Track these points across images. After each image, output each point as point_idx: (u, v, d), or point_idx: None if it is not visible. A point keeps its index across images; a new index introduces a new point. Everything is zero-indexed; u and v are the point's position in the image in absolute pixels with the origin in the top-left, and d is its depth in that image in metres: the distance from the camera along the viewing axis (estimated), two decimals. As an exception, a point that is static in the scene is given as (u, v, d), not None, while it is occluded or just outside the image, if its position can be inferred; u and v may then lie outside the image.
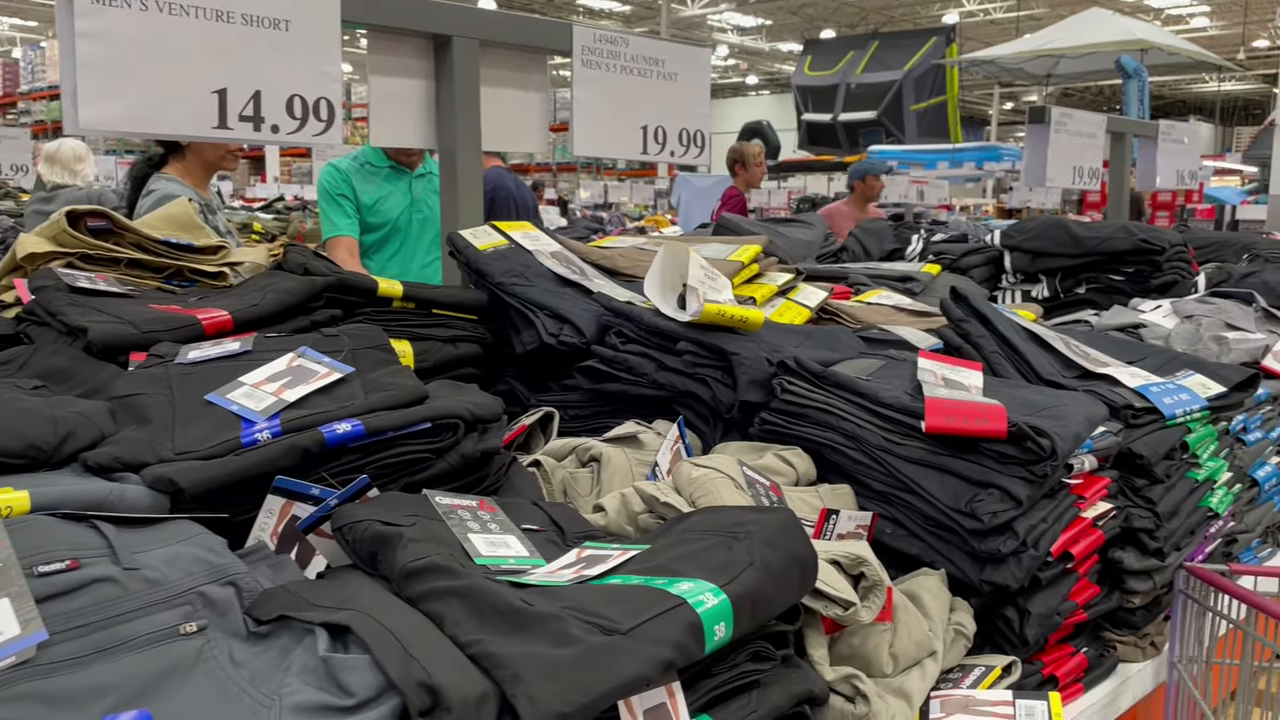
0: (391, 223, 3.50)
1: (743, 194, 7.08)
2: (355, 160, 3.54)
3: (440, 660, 0.80)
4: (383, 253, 3.51)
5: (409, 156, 3.52)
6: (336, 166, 3.53)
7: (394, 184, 3.52)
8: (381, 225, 3.50)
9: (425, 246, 3.54)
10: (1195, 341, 2.08)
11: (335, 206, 3.48)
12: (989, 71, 20.25)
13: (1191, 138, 4.14)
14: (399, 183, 3.53)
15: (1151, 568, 1.44)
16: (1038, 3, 24.04)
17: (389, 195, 3.50)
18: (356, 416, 1.09)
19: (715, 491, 1.23)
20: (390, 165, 3.52)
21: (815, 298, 2.15)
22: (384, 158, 3.52)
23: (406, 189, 3.53)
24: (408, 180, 3.55)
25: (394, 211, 3.50)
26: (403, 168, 3.54)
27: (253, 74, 1.70)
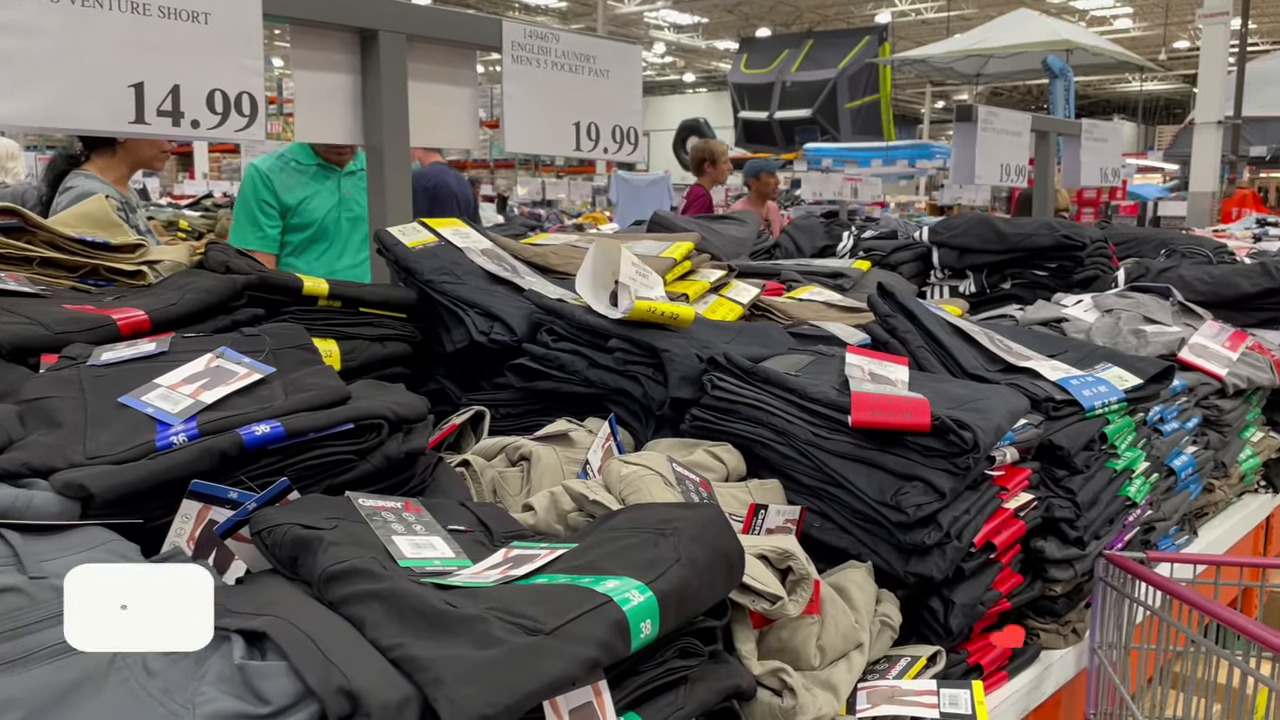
0: (318, 222, 3.39)
1: (709, 192, 6.98)
2: (280, 159, 3.42)
3: (360, 665, 0.79)
4: (310, 253, 3.40)
5: (338, 154, 3.42)
6: (258, 168, 3.40)
7: (321, 182, 3.42)
8: (308, 225, 3.39)
9: (355, 246, 3.44)
10: (1115, 335, 2.14)
11: (250, 216, 3.33)
12: (921, 70, 20.62)
13: (1113, 136, 4.25)
14: (327, 181, 3.43)
15: (1072, 556, 1.47)
16: (967, 3, 24.51)
17: (316, 194, 3.40)
18: (276, 418, 1.07)
19: (644, 489, 1.23)
20: (318, 163, 3.42)
21: (747, 294, 2.16)
22: (312, 155, 3.42)
23: (335, 187, 3.44)
24: (336, 178, 3.45)
25: (321, 211, 3.39)
26: (331, 165, 3.43)
27: (171, 68, 1.66)
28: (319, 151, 3.40)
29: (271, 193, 3.33)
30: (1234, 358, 2.12)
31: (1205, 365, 2.06)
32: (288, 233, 3.38)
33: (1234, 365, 2.11)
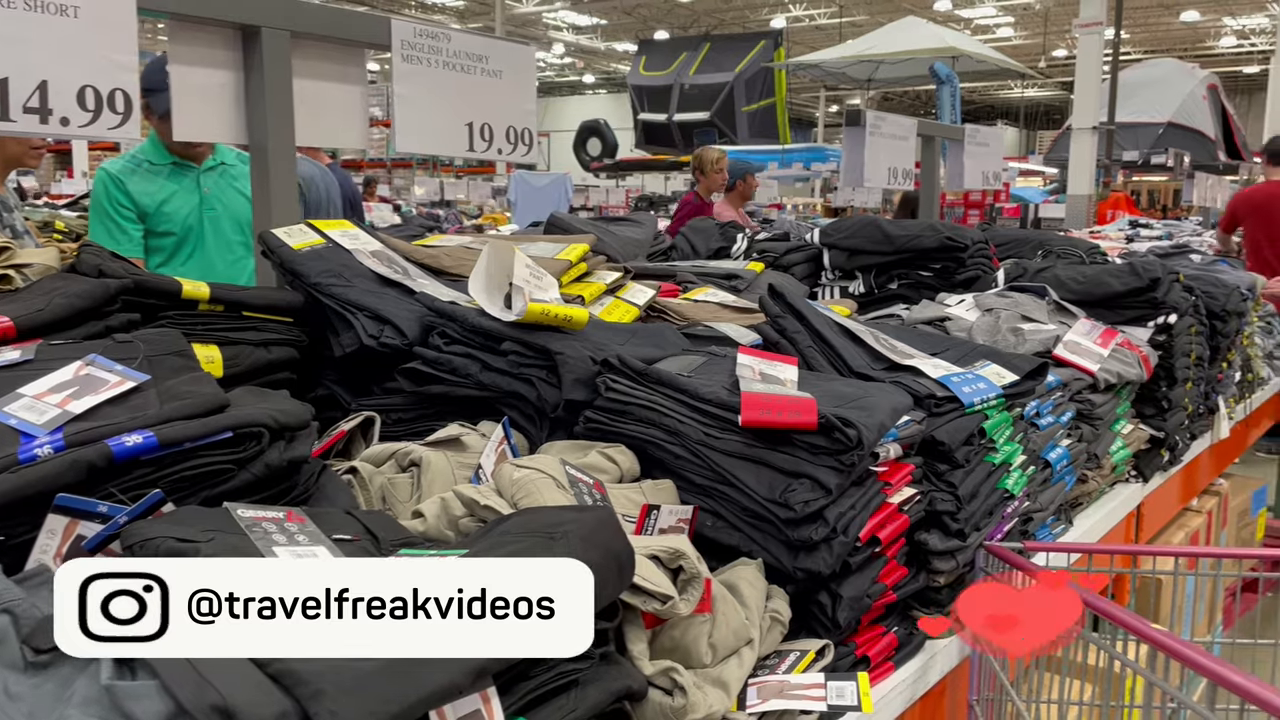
0: (181, 226, 3.14)
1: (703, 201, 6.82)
2: (132, 160, 3.15)
3: (236, 680, 0.77)
4: (177, 259, 3.14)
5: (195, 151, 3.17)
6: (109, 171, 3.11)
7: (179, 182, 3.16)
8: (171, 230, 3.13)
9: (226, 246, 3.20)
10: (994, 333, 2.22)
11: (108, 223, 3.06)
12: (815, 75, 21.05)
13: (995, 141, 4.40)
14: (184, 180, 3.18)
15: (954, 548, 1.52)
16: (859, 10, 25.12)
17: (174, 195, 3.14)
18: (149, 427, 1.03)
19: (536, 492, 1.22)
20: (173, 162, 3.16)
21: (643, 296, 2.18)
22: (165, 153, 3.15)
23: (194, 186, 3.19)
24: (195, 176, 3.19)
25: (183, 212, 3.14)
26: (188, 162, 3.18)
27: (38, 63, 1.59)
28: (173, 149, 3.16)
29: (127, 196, 3.08)
30: (1105, 354, 2.22)
31: (1078, 361, 2.16)
32: (151, 238, 3.13)
33: (1105, 361, 2.21)
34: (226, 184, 3.24)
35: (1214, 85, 17.87)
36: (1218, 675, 0.94)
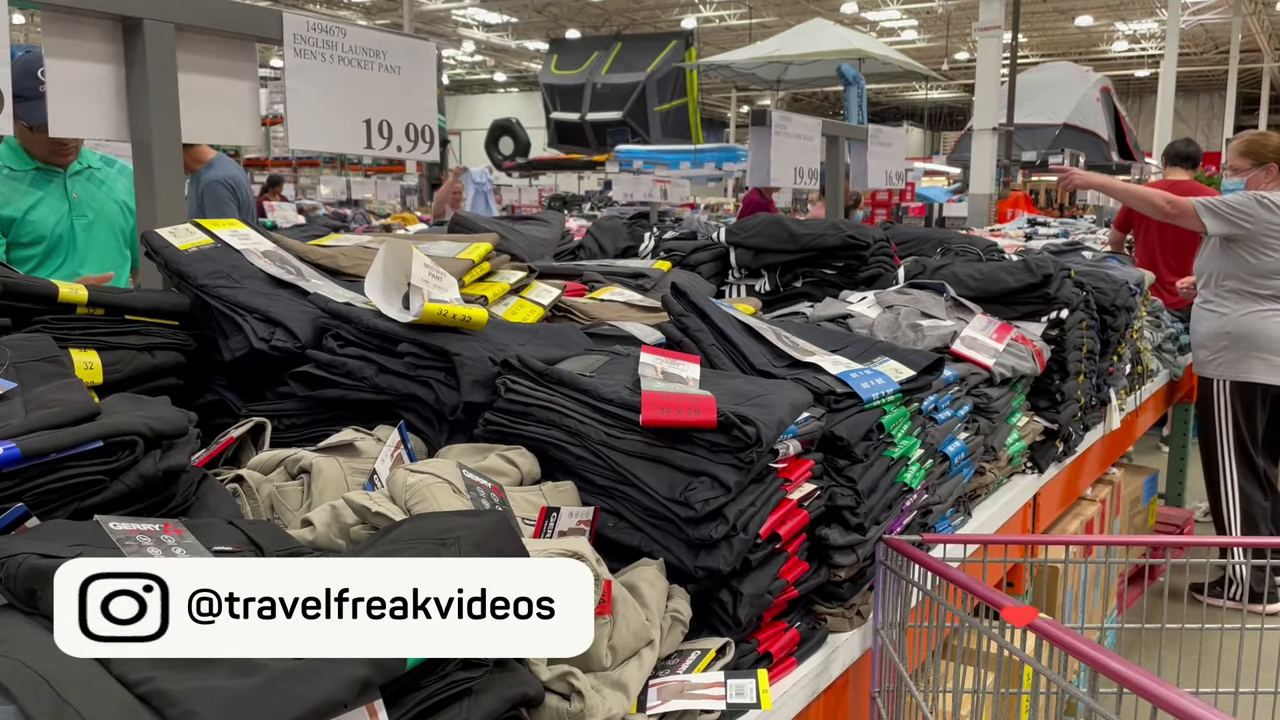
0: (49, 234, 2.96)
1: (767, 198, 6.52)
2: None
3: (101, 705, 0.73)
4: (45, 268, 2.96)
5: (62, 155, 2.99)
6: None
7: (44, 188, 2.98)
8: (39, 239, 2.94)
9: (98, 254, 3.03)
10: (895, 329, 2.26)
11: None
12: (725, 75, 21.23)
13: (897, 141, 4.49)
14: (50, 186, 2.99)
15: (854, 542, 1.54)
16: (768, 12, 25.43)
17: (40, 202, 2.95)
18: (11, 438, 0.97)
19: (431, 497, 1.20)
20: (36, 167, 2.97)
21: (548, 295, 2.15)
22: (26, 159, 2.96)
23: (61, 192, 3.01)
24: (61, 181, 3.01)
25: (50, 220, 2.96)
26: (53, 167, 2.99)
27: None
28: (36, 154, 2.98)
29: None
30: (1000, 349, 2.28)
31: (975, 356, 2.21)
32: (15, 249, 2.93)
33: (1000, 356, 2.26)
34: (95, 188, 3.07)
35: (1107, 88, 18.57)
36: (1095, 660, 0.96)
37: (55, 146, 2.95)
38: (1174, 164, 5.81)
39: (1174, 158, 5.84)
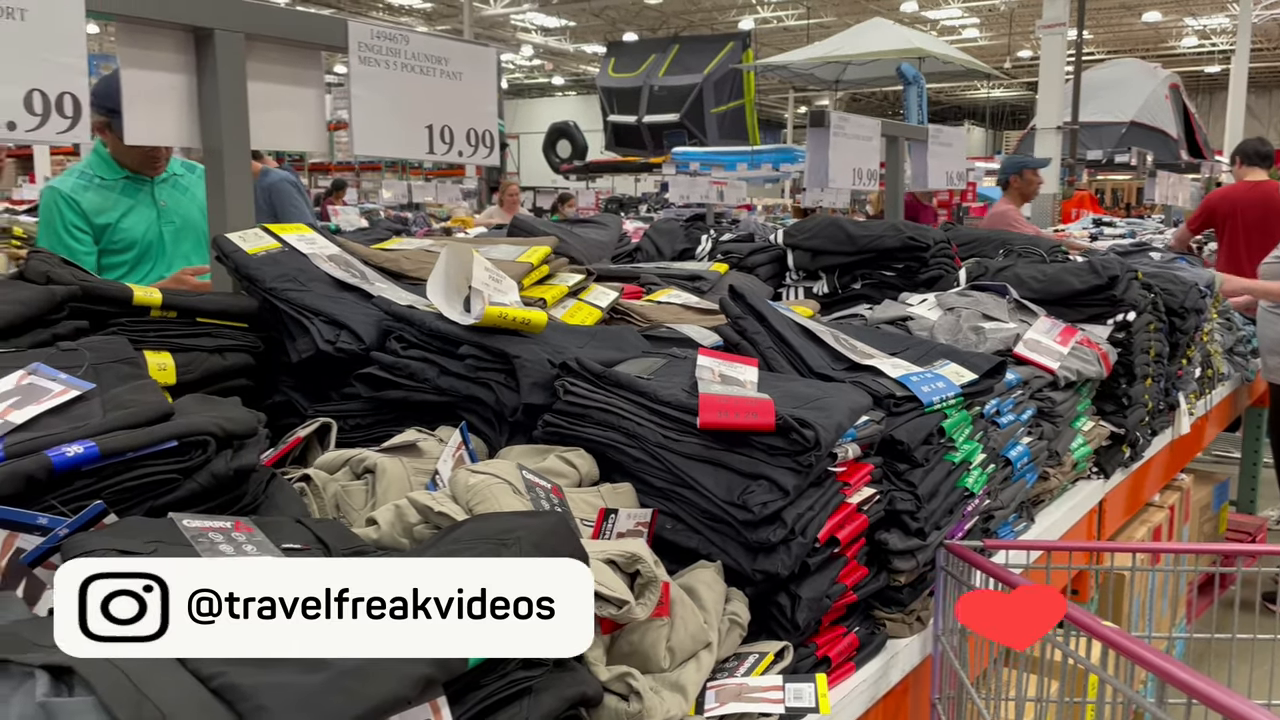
0: (140, 241, 3.03)
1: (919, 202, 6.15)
2: (82, 177, 3.02)
3: (177, 697, 0.75)
4: (136, 274, 3.02)
5: (154, 164, 3.06)
6: (59, 190, 2.96)
7: (134, 196, 3.05)
8: (129, 246, 3.02)
9: (184, 258, 3.08)
10: (956, 332, 2.23)
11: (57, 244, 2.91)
12: (783, 76, 21.12)
13: (958, 141, 4.43)
14: (139, 194, 3.07)
15: (914, 547, 1.52)
16: (826, 11, 25.25)
17: (131, 210, 3.03)
18: (91, 437, 1.01)
19: (492, 498, 1.21)
20: (125, 176, 3.04)
21: (606, 298, 2.17)
22: (116, 168, 3.03)
23: (150, 199, 3.08)
24: (150, 189, 3.09)
25: (140, 227, 3.03)
26: (141, 176, 3.07)
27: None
28: (126, 163, 3.05)
29: (80, 215, 2.96)
30: (1065, 352, 2.24)
31: (1038, 359, 2.17)
32: (107, 256, 3.01)
33: (1065, 359, 2.22)
34: (180, 195, 3.15)
35: (1176, 85, 18.11)
36: (1162, 671, 0.94)
37: (149, 156, 3.03)
38: (1250, 163, 5.65)
39: (1250, 156, 5.68)
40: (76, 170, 3.08)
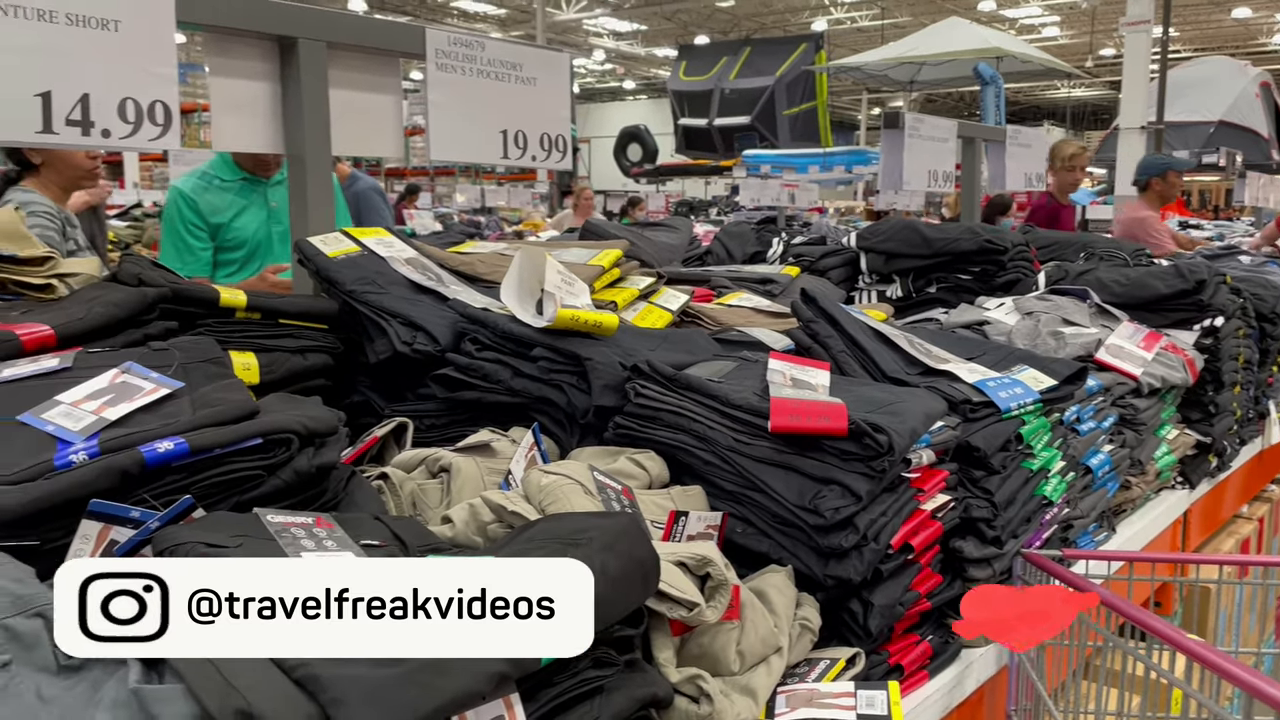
0: (250, 240, 3.18)
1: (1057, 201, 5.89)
2: (203, 178, 3.19)
3: (261, 687, 0.77)
4: (246, 271, 3.17)
5: (264, 167, 3.21)
6: (181, 190, 3.15)
7: (248, 197, 3.21)
8: (240, 244, 3.18)
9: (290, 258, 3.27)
10: (1034, 337, 2.18)
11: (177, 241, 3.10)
12: (856, 77, 20.91)
13: (1037, 142, 4.34)
14: (253, 195, 3.22)
15: (990, 555, 1.50)
16: (901, 11, 24.92)
17: (244, 210, 3.19)
18: (180, 434, 1.04)
19: (564, 498, 1.22)
20: (243, 177, 3.20)
21: (677, 301, 2.17)
22: (235, 169, 3.20)
23: (263, 201, 3.23)
24: (263, 191, 3.24)
25: (251, 227, 3.18)
26: (256, 178, 3.23)
27: (80, 76, 1.61)
28: (243, 165, 3.21)
29: (198, 214, 3.13)
30: (1149, 357, 2.18)
31: (1121, 365, 2.12)
32: (221, 253, 3.18)
33: (1149, 365, 2.16)
34: None
35: (1267, 83, 17.47)
36: (1250, 686, 0.91)
37: (259, 159, 3.16)
38: None
39: None
40: (199, 171, 3.24)
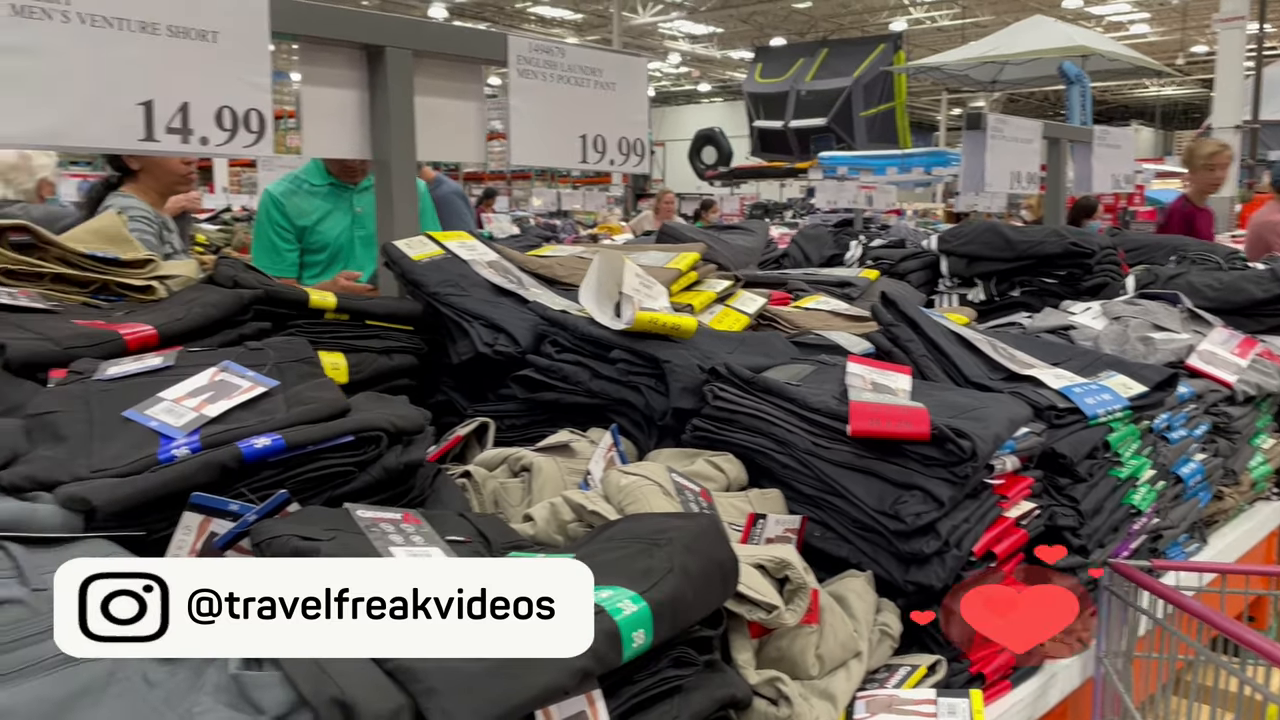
0: (333, 244, 3.29)
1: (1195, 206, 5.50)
2: (294, 182, 3.32)
3: (355, 675, 0.80)
4: (329, 274, 3.24)
5: (351, 175, 3.31)
6: (271, 194, 3.30)
7: (334, 202, 3.30)
8: (323, 247, 3.29)
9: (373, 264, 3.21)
10: (1123, 342, 2.13)
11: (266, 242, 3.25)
12: (936, 77, 20.56)
13: (1126, 142, 4.23)
14: (339, 201, 3.31)
15: (1075, 564, 1.47)
16: (983, 10, 24.44)
17: (329, 215, 3.29)
18: (276, 430, 1.08)
19: (643, 499, 1.24)
20: (330, 183, 3.31)
21: (754, 304, 2.17)
22: (324, 175, 3.31)
23: (348, 206, 3.32)
24: (349, 197, 3.33)
25: (334, 231, 3.29)
26: (344, 184, 3.32)
27: (180, 86, 1.68)
28: (332, 171, 3.31)
29: (285, 217, 3.25)
30: (1244, 364, 2.11)
31: (1214, 372, 2.05)
32: (306, 255, 3.29)
33: (1244, 372, 2.10)
34: None
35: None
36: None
37: (345, 166, 3.26)
38: None
39: None
40: (291, 175, 3.36)
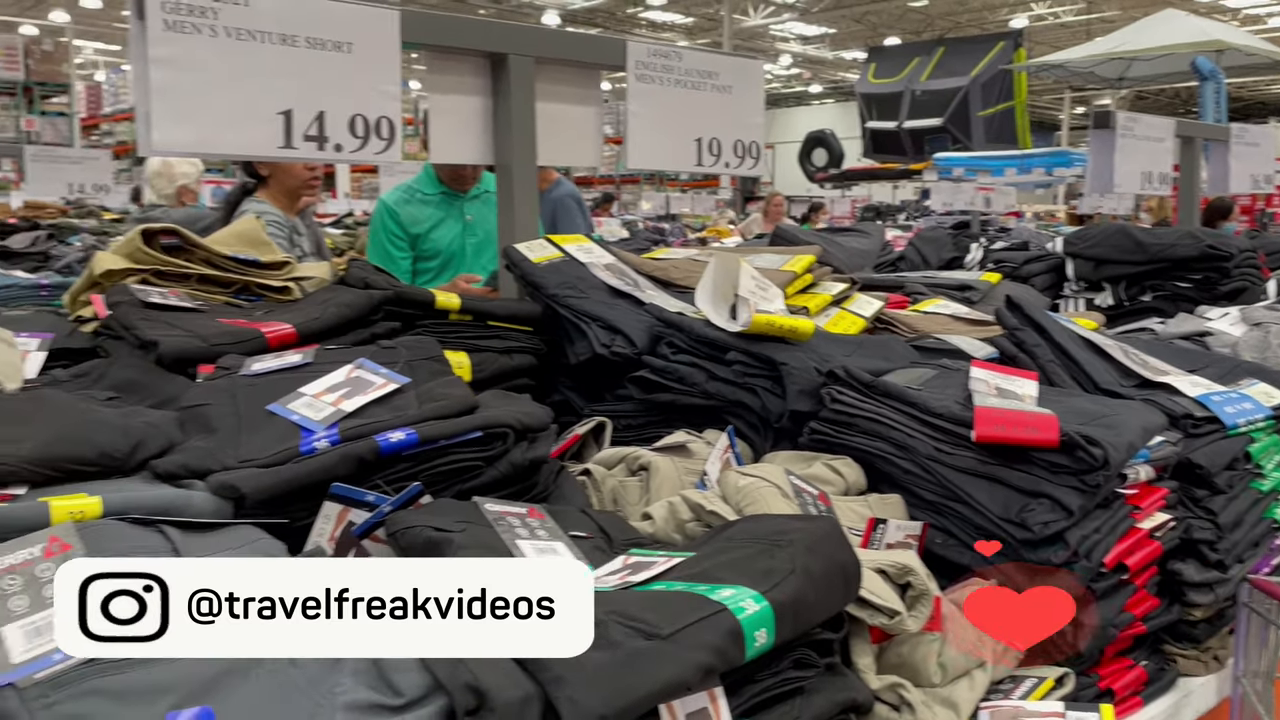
0: (444, 251, 3.35)
1: None
2: (406, 191, 3.40)
3: (487, 663, 0.83)
4: (441, 280, 3.29)
5: (462, 183, 3.37)
6: (385, 203, 3.38)
7: (446, 210, 3.37)
8: (436, 254, 3.36)
9: (483, 270, 3.26)
10: (1264, 349, 2.03)
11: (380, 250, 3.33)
12: (1059, 75, 19.84)
13: (1265, 141, 4.03)
14: (451, 208, 3.38)
15: (1213, 580, 1.41)
16: (1109, 5, 23.51)
17: (441, 223, 3.35)
18: (410, 425, 1.12)
19: (762, 500, 1.24)
20: (442, 191, 3.37)
21: (870, 307, 2.15)
22: (436, 183, 3.38)
23: (459, 214, 3.38)
24: (460, 205, 3.40)
25: (446, 239, 3.35)
26: (455, 192, 3.39)
27: (317, 95, 1.75)
28: (443, 179, 3.37)
29: (399, 225, 3.33)
30: (1399, 374, 1.99)
31: (1366, 381, 1.94)
32: (419, 261, 3.36)
33: (1400, 382, 1.97)
34: (487, 211, 3.38)
35: None
36: None
37: (456, 174, 3.34)
38: None
39: None
40: (405, 185, 3.45)
